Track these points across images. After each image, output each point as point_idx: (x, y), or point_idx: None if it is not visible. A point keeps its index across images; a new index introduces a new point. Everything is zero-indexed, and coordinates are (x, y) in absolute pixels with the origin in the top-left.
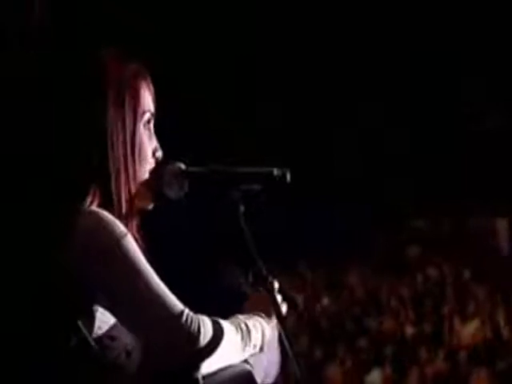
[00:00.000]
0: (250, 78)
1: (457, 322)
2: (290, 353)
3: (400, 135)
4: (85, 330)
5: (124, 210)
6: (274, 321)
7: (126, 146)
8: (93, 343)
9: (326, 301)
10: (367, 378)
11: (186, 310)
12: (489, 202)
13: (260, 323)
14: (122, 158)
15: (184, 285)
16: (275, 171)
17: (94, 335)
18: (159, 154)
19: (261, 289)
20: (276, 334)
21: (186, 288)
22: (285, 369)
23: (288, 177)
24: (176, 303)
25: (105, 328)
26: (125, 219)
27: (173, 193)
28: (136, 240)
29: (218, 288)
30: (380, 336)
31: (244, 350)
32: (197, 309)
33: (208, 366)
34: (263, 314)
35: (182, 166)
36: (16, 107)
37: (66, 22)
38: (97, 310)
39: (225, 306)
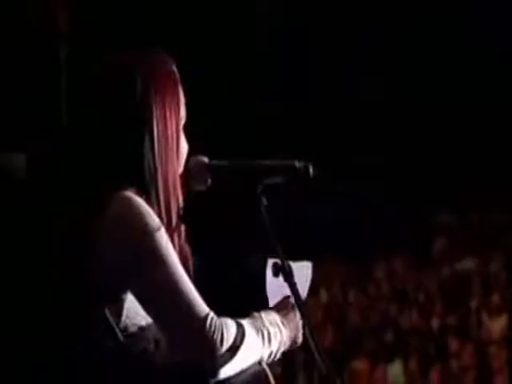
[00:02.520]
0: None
1: (484, 316)
2: (314, 349)
3: (423, 128)
4: (111, 319)
5: (174, 219)
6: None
7: (172, 145)
8: (118, 332)
9: (352, 294)
10: (390, 369)
11: (211, 314)
12: None
13: (281, 332)
14: (168, 159)
15: (209, 278)
16: (297, 164)
17: (122, 324)
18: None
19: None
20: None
21: (212, 281)
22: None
23: (310, 170)
24: (201, 305)
25: (134, 317)
26: (173, 226)
27: (196, 186)
28: (181, 249)
29: (243, 278)
30: (406, 329)
31: (261, 356)
32: (223, 300)
33: (225, 372)
34: (289, 320)
35: (205, 160)
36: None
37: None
38: (125, 299)
39: (249, 295)
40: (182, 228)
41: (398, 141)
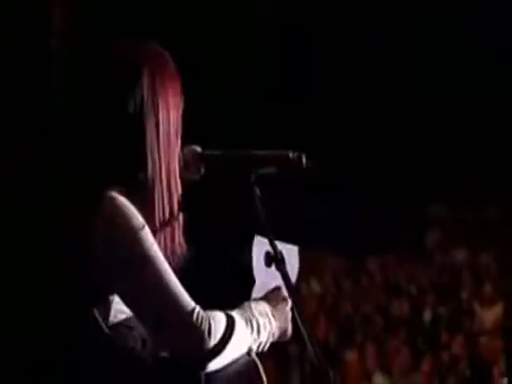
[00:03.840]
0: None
1: (476, 306)
2: (307, 341)
3: (421, 120)
4: (100, 319)
5: (176, 210)
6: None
7: (175, 138)
8: (107, 331)
9: (345, 286)
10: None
11: (197, 308)
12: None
13: (270, 323)
14: (171, 153)
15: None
16: (291, 154)
17: (110, 323)
18: None
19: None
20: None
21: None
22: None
23: (304, 160)
24: (187, 301)
25: (121, 317)
26: (175, 217)
27: (189, 175)
28: (172, 250)
29: (236, 267)
30: (399, 321)
31: (250, 347)
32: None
33: (215, 364)
34: (278, 310)
35: (198, 149)
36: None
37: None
38: (113, 299)
39: (242, 285)
40: (181, 218)
41: (398, 141)
